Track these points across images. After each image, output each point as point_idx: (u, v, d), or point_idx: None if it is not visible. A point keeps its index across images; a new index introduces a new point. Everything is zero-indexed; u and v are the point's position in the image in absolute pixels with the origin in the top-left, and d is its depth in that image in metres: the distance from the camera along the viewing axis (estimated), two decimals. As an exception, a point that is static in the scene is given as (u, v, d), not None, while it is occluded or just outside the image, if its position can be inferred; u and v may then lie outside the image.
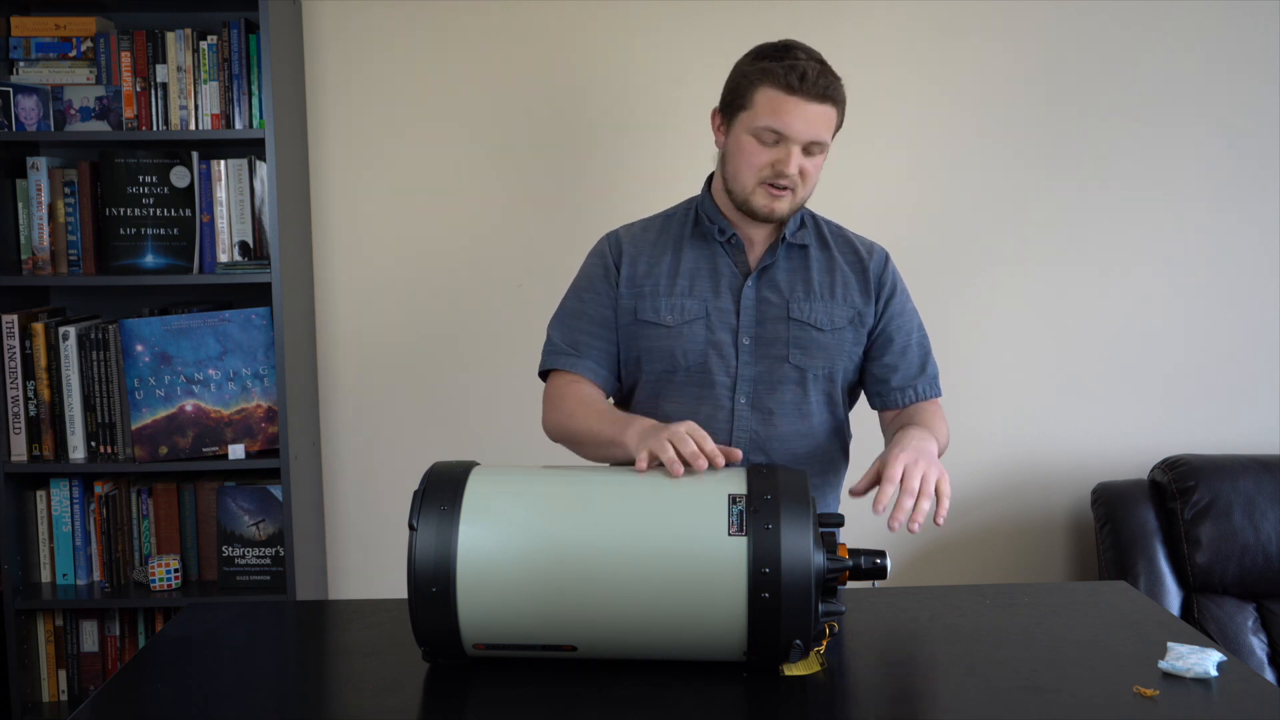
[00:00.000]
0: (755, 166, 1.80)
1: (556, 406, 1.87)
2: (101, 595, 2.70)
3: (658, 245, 1.93)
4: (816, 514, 1.42)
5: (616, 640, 1.42)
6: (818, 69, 1.77)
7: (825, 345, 1.87)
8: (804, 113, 1.76)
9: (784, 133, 1.77)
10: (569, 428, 1.84)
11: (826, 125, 1.79)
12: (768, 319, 1.86)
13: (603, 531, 1.40)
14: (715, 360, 1.85)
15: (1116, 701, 1.36)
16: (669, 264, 1.90)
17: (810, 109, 1.76)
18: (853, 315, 1.89)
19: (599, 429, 1.76)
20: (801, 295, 1.88)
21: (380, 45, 2.86)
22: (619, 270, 1.91)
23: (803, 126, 1.76)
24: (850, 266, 1.92)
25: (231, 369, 2.70)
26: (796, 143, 1.77)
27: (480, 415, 2.94)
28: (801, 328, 1.86)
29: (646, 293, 1.89)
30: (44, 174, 2.69)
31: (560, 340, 1.92)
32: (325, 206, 2.90)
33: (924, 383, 1.95)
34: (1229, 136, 2.90)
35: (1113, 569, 2.72)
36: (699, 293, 1.88)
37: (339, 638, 1.70)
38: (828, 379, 1.88)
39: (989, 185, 2.90)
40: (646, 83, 2.86)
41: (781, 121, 1.76)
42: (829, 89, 1.77)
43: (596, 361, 1.90)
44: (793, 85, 1.75)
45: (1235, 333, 2.94)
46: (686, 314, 1.87)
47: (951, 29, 2.86)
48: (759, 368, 1.85)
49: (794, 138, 1.77)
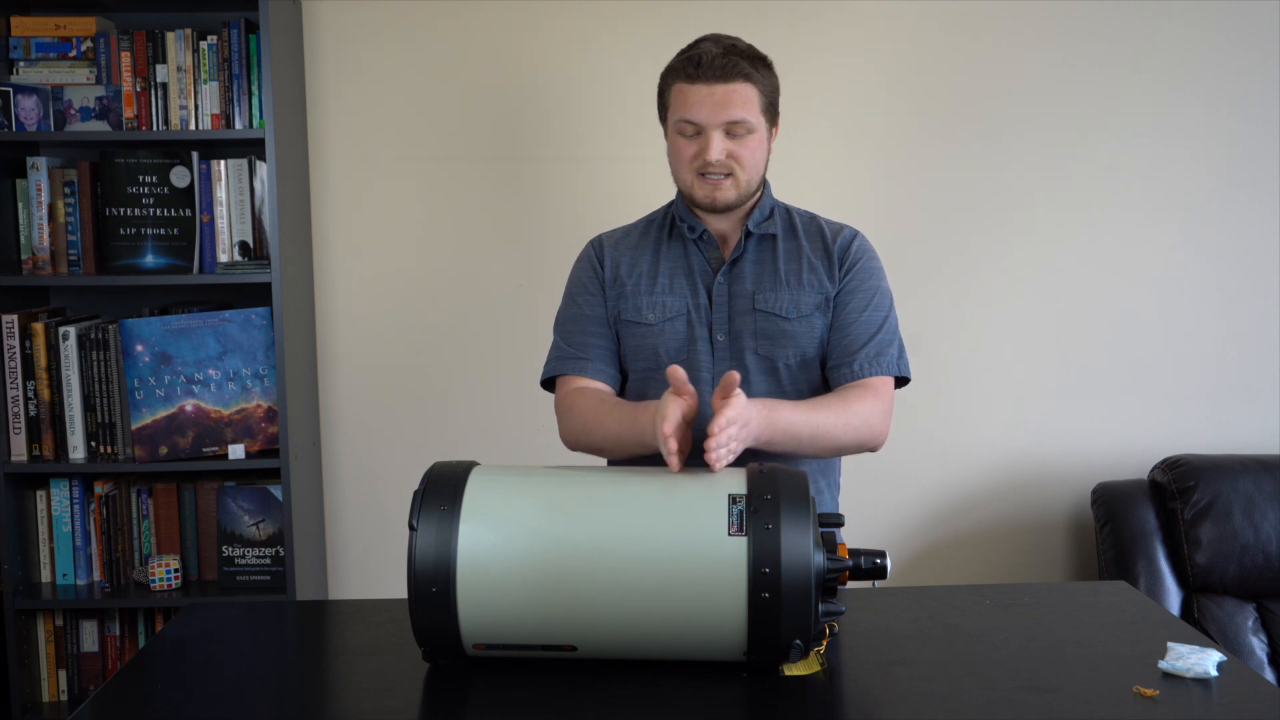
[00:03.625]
0: (685, 160, 1.84)
1: (572, 416, 1.87)
2: (101, 595, 2.70)
3: (638, 247, 1.95)
4: (816, 514, 1.42)
5: (616, 640, 1.42)
6: (716, 52, 1.80)
7: (793, 334, 1.86)
8: (709, 97, 1.79)
9: (695, 120, 1.80)
10: (591, 436, 1.84)
11: (741, 104, 1.79)
12: (737, 312, 1.87)
13: (603, 531, 1.40)
14: (696, 356, 1.87)
15: (1116, 701, 1.36)
16: (649, 264, 1.92)
17: (715, 91, 1.79)
18: (820, 300, 1.88)
19: (620, 432, 1.77)
20: (768, 285, 1.88)
21: (380, 45, 2.86)
22: (604, 270, 1.94)
23: (711, 110, 1.79)
24: (817, 252, 1.91)
25: (231, 369, 2.70)
26: (712, 127, 1.80)
27: (480, 415, 2.94)
28: (767, 318, 1.86)
29: (629, 292, 1.91)
30: (44, 174, 2.69)
31: (565, 345, 1.93)
32: (325, 206, 2.90)
33: (862, 359, 1.85)
34: (1229, 135, 2.90)
35: (1113, 569, 2.72)
36: (679, 290, 1.89)
37: (339, 638, 1.70)
38: (802, 367, 1.88)
39: (989, 185, 2.90)
40: (649, 84, 2.86)
41: (690, 110, 1.80)
42: (730, 68, 1.79)
43: (603, 361, 1.91)
44: (691, 74, 1.80)
45: (1235, 333, 2.94)
46: (668, 311, 1.88)
47: (948, 28, 2.86)
48: (734, 362, 1.86)
49: (707, 123, 1.80)
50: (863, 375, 1.85)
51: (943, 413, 2.94)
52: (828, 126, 2.87)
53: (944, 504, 2.99)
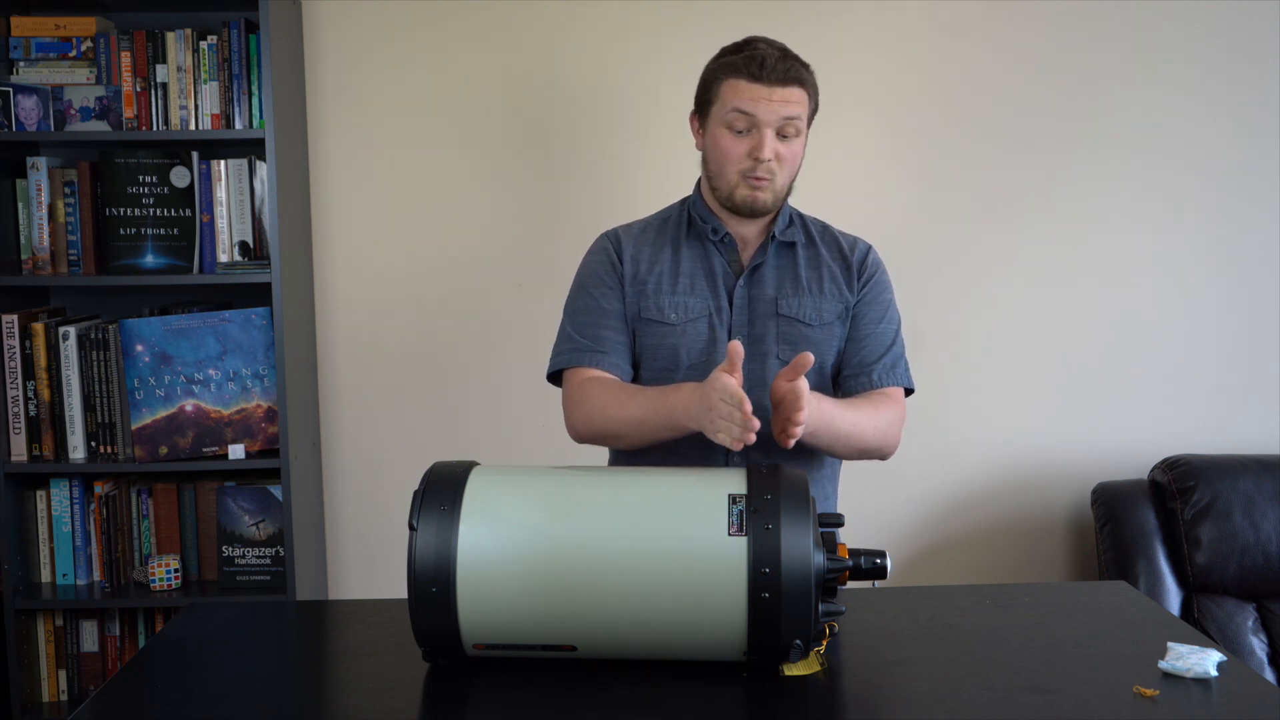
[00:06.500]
0: (733, 159, 1.83)
1: (588, 402, 1.84)
2: (101, 595, 2.70)
3: (656, 244, 1.93)
4: (816, 514, 1.43)
5: (616, 640, 1.42)
6: (778, 55, 1.82)
7: (815, 340, 1.87)
8: (769, 96, 1.80)
9: (752, 113, 1.80)
10: (609, 420, 1.81)
11: (796, 106, 1.82)
12: (758, 316, 1.88)
13: (603, 531, 1.40)
14: (717, 358, 1.85)
15: (1116, 701, 1.36)
16: (669, 262, 1.91)
17: (775, 92, 1.80)
18: (841, 310, 1.90)
19: (645, 416, 1.75)
20: (790, 291, 1.88)
21: (380, 45, 2.86)
22: (623, 265, 1.91)
23: (770, 109, 1.80)
24: (836, 261, 1.92)
25: (231, 369, 2.70)
26: (768, 126, 1.80)
27: (480, 415, 2.94)
28: (790, 323, 1.87)
29: (649, 290, 1.89)
30: (44, 174, 2.69)
31: (579, 336, 1.89)
32: (325, 206, 2.90)
33: (880, 370, 1.89)
34: (1229, 136, 2.90)
35: (1113, 569, 2.72)
36: (700, 291, 1.88)
37: (339, 638, 1.70)
38: (819, 374, 1.88)
39: (989, 186, 2.90)
40: (649, 82, 2.86)
41: (748, 104, 1.80)
42: (790, 71, 1.81)
43: (619, 356, 1.88)
44: (754, 73, 1.81)
45: (1235, 333, 2.94)
46: (690, 312, 1.87)
47: (949, 29, 2.86)
48: (751, 365, 1.85)
49: (763, 120, 1.80)
50: (881, 385, 1.88)
51: (943, 413, 2.94)
52: (829, 128, 2.86)
53: (944, 504, 2.99)
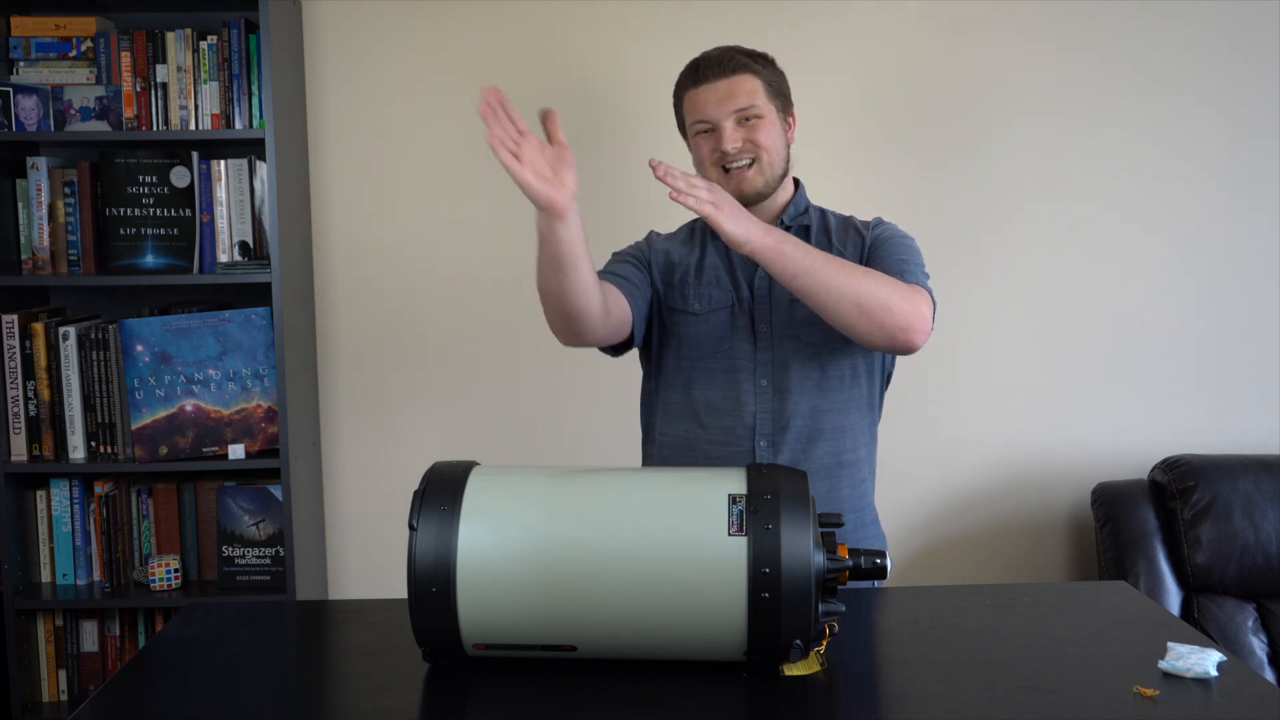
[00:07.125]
0: (706, 159, 1.91)
1: None
2: (101, 595, 2.70)
3: (686, 244, 2.02)
4: (816, 514, 1.42)
5: (616, 640, 1.41)
6: (717, 54, 1.90)
7: None
8: (713, 93, 1.88)
9: (706, 118, 1.88)
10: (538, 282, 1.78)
11: (746, 93, 1.87)
12: (778, 302, 1.92)
13: (603, 531, 1.40)
14: (738, 346, 1.91)
15: (1116, 701, 1.36)
16: (695, 258, 1.98)
17: (719, 87, 1.88)
18: None
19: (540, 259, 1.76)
20: None
21: (380, 45, 2.86)
22: (654, 254, 2.00)
23: (717, 104, 1.87)
24: (853, 243, 1.96)
25: (231, 369, 2.70)
26: (723, 120, 1.87)
27: (480, 415, 2.94)
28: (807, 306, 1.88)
29: (675, 282, 1.97)
30: (44, 174, 2.69)
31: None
32: (325, 206, 2.90)
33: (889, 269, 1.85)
34: (1229, 135, 2.90)
35: (1113, 569, 2.72)
36: (723, 284, 1.95)
37: (339, 638, 1.70)
38: (845, 353, 1.91)
39: (989, 186, 2.90)
40: (650, 82, 2.86)
41: (700, 111, 1.89)
42: (729, 63, 1.88)
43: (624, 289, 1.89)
44: (697, 78, 1.90)
45: (1235, 333, 2.94)
46: (714, 302, 1.94)
47: (949, 29, 2.86)
48: (776, 350, 1.90)
49: (717, 117, 1.87)
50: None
51: (943, 413, 2.94)
52: (829, 128, 2.87)
53: (944, 504, 2.99)
